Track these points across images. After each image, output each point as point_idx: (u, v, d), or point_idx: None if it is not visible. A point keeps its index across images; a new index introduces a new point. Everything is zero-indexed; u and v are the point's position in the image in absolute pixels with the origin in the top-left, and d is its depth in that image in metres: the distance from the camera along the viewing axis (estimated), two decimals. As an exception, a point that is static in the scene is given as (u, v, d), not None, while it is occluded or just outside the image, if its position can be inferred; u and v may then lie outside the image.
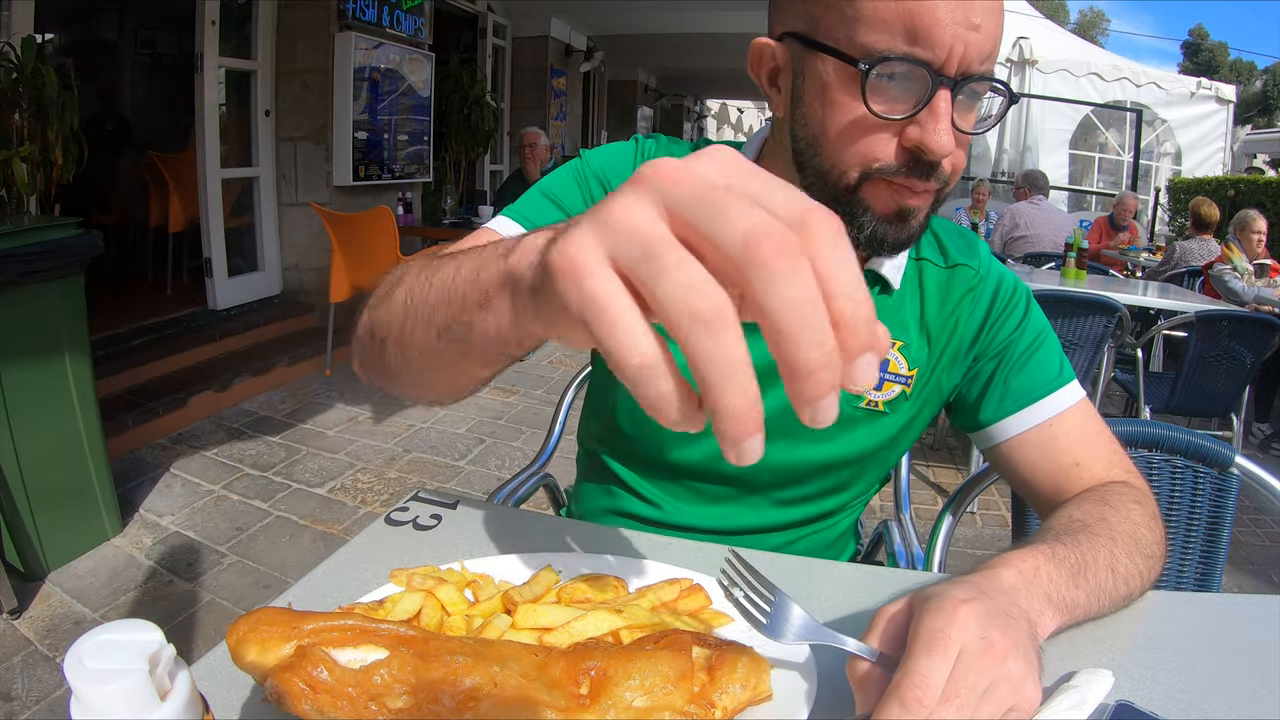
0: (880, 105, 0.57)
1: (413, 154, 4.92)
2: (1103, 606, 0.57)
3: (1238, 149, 13.28)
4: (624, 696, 0.42)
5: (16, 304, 1.86)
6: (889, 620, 0.46)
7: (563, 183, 0.77)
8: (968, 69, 0.56)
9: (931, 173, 0.60)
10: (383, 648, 0.42)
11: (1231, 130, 10.28)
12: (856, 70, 0.57)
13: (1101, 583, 0.56)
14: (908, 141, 0.58)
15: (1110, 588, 0.56)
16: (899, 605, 0.47)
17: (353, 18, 4.19)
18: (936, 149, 0.57)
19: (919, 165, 0.59)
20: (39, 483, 1.97)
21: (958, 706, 0.39)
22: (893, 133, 0.59)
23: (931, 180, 0.60)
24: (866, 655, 0.45)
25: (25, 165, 2.65)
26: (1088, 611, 0.55)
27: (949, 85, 0.56)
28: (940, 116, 0.56)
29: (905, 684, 0.40)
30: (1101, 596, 0.56)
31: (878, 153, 0.59)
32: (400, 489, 2.74)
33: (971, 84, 0.57)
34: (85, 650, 0.31)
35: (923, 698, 0.39)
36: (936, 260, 0.78)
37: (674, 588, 0.55)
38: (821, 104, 0.61)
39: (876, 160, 0.60)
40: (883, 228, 0.62)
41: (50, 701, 1.60)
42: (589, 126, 9.55)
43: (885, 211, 0.62)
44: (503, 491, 1.08)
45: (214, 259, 4.04)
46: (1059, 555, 0.54)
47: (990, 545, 2.56)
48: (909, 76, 0.57)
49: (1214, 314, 2.78)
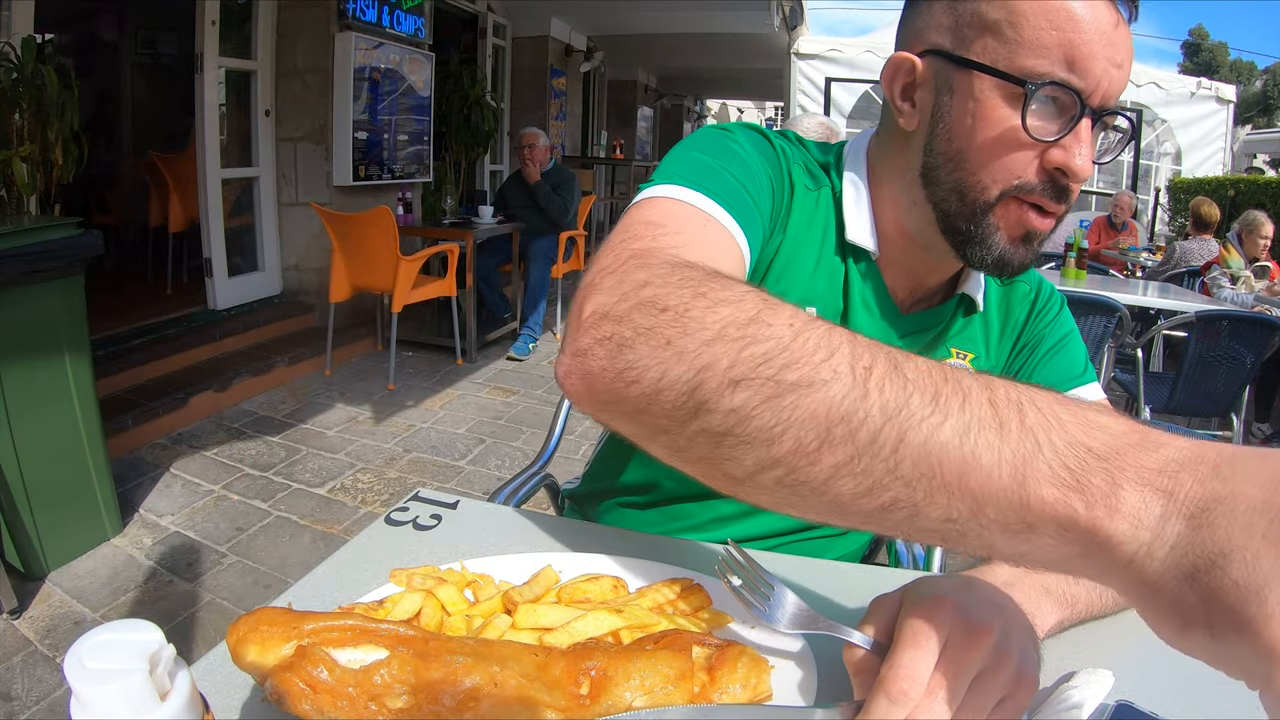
0: (1036, 127, 0.60)
1: (413, 154, 4.92)
2: (1105, 603, 0.57)
3: (1238, 149, 13.27)
4: (624, 696, 0.42)
5: (16, 304, 1.86)
6: (884, 609, 0.46)
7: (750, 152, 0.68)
8: (1107, 102, 0.60)
9: (1065, 196, 0.62)
10: (383, 648, 0.42)
11: (1231, 130, 10.28)
12: (1015, 89, 0.60)
13: None
14: (1049, 163, 0.61)
15: None
16: (893, 596, 0.47)
17: (353, 18, 4.19)
18: (1079, 171, 0.60)
19: (1055, 187, 0.62)
20: (39, 483, 1.97)
21: (944, 698, 0.39)
22: (1035, 153, 0.61)
23: (1063, 204, 0.63)
24: (862, 644, 0.45)
25: (25, 165, 2.65)
26: (1090, 606, 0.55)
27: (1092, 115, 0.60)
28: (1084, 142, 0.60)
29: (890, 677, 0.39)
30: (1105, 592, 0.56)
31: (1021, 171, 0.62)
32: (400, 489, 2.74)
33: (1107, 116, 0.62)
34: (85, 650, 0.31)
35: (908, 690, 0.39)
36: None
37: (674, 588, 0.55)
38: (973, 119, 0.62)
39: (1019, 177, 0.62)
40: (1009, 250, 0.65)
41: (50, 701, 1.60)
42: (589, 126, 9.55)
43: (1014, 234, 0.64)
44: (503, 492, 1.07)
45: (214, 259, 4.04)
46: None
47: (990, 545, 2.55)
48: (1059, 102, 0.60)
49: (1214, 314, 2.78)
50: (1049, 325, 0.79)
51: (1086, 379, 0.78)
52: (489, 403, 3.72)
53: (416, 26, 4.79)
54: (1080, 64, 0.58)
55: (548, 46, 7.29)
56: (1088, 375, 0.78)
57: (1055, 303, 0.81)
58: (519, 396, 3.85)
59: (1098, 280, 3.81)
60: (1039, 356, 0.78)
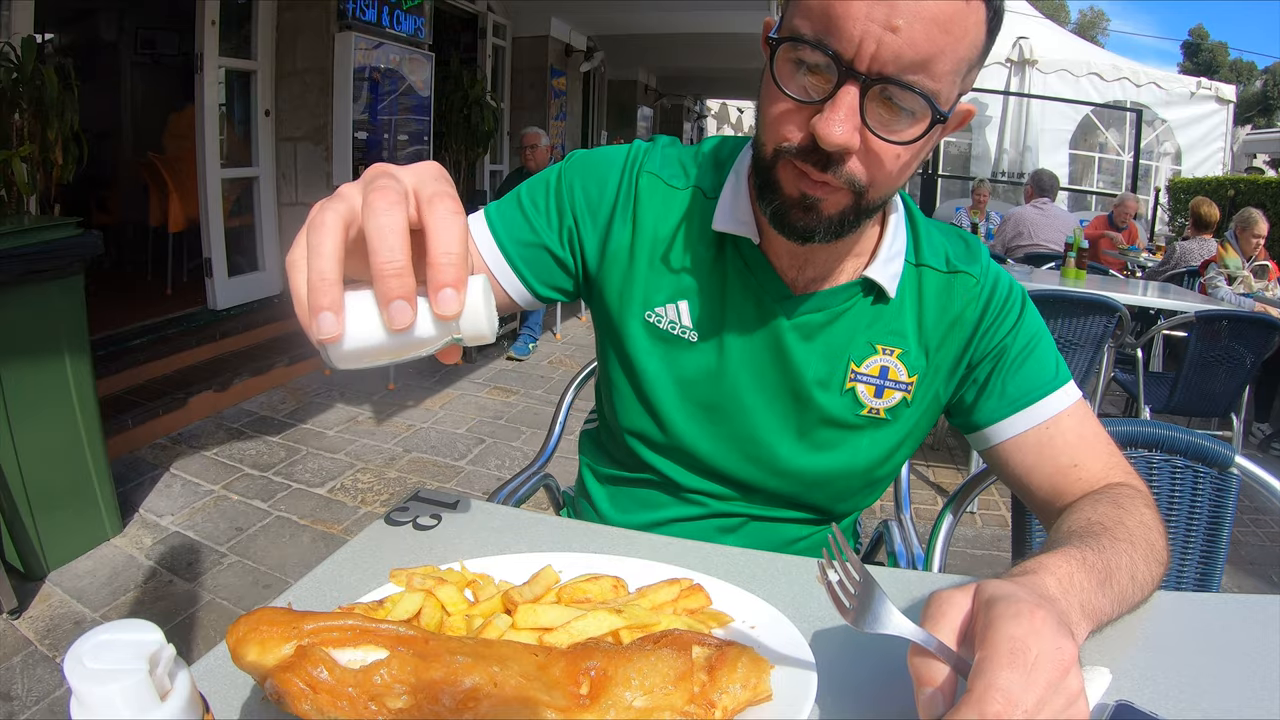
0: (792, 87, 0.60)
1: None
2: (1121, 612, 0.57)
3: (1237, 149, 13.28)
4: (624, 696, 0.42)
5: (16, 304, 1.86)
6: (950, 608, 0.45)
7: (539, 191, 0.80)
8: (882, 69, 0.56)
9: (828, 164, 0.61)
10: (383, 648, 0.42)
11: (1231, 130, 10.29)
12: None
13: (1124, 590, 0.56)
14: (812, 128, 0.59)
15: (1130, 594, 0.57)
16: (961, 595, 0.46)
17: (353, 18, 4.19)
18: (823, 135, 0.58)
19: (816, 151, 0.60)
20: (39, 483, 1.97)
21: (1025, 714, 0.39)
22: (803, 117, 0.61)
23: (829, 173, 0.61)
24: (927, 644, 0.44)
25: (25, 165, 2.65)
26: (1110, 618, 0.55)
27: (858, 81, 0.57)
28: (838, 108, 0.57)
29: (989, 698, 0.39)
30: (1123, 604, 0.56)
31: (788, 133, 0.62)
32: (400, 489, 2.74)
33: (887, 86, 0.57)
34: (85, 650, 0.31)
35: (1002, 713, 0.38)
36: (938, 266, 0.77)
37: (674, 588, 0.55)
38: (762, 86, 0.64)
39: (786, 139, 0.62)
40: (785, 209, 0.65)
41: (50, 701, 1.60)
42: (589, 126, 9.54)
43: (791, 194, 0.64)
44: (503, 491, 1.07)
45: (214, 259, 4.04)
46: (1089, 562, 0.54)
47: (990, 545, 2.56)
48: (823, 67, 0.58)
49: (1214, 314, 2.77)
50: (1013, 332, 0.76)
51: (1059, 382, 0.75)
52: (489, 403, 3.72)
53: (416, 26, 4.79)
54: (835, 24, 0.56)
55: (548, 46, 7.29)
56: (1060, 378, 0.75)
57: (1015, 303, 0.77)
58: (519, 396, 3.85)
59: (1097, 280, 3.81)
60: (1008, 364, 0.75)
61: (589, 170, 0.79)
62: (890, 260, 0.75)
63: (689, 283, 0.77)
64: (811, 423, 0.77)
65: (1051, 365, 0.76)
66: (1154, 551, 0.61)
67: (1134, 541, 0.60)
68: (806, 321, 0.75)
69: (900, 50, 0.55)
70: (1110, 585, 0.54)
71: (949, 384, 0.79)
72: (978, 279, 0.77)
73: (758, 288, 0.75)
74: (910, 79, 0.56)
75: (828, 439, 0.78)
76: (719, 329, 0.76)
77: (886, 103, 0.58)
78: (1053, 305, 2.69)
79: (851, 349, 0.76)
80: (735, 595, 0.56)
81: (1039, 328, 0.78)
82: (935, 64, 0.56)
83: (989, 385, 0.76)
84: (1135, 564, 0.58)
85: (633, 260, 0.78)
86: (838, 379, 0.76)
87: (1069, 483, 0.73)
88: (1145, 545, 0.61)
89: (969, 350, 0.77)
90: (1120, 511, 0.64)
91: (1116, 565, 0.56)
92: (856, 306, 0.76)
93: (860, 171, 0.61)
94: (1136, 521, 0.63)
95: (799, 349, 0.75)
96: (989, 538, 2.61)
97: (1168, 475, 1.02)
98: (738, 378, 0.77)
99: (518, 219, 0.79)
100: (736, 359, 0.77)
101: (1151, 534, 0.63)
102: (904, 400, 0.77)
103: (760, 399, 0.77)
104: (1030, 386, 0.75)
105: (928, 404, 0.79)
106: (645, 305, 0.78)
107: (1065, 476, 0.73)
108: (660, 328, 0.78)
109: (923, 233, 0.78)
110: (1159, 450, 1.02)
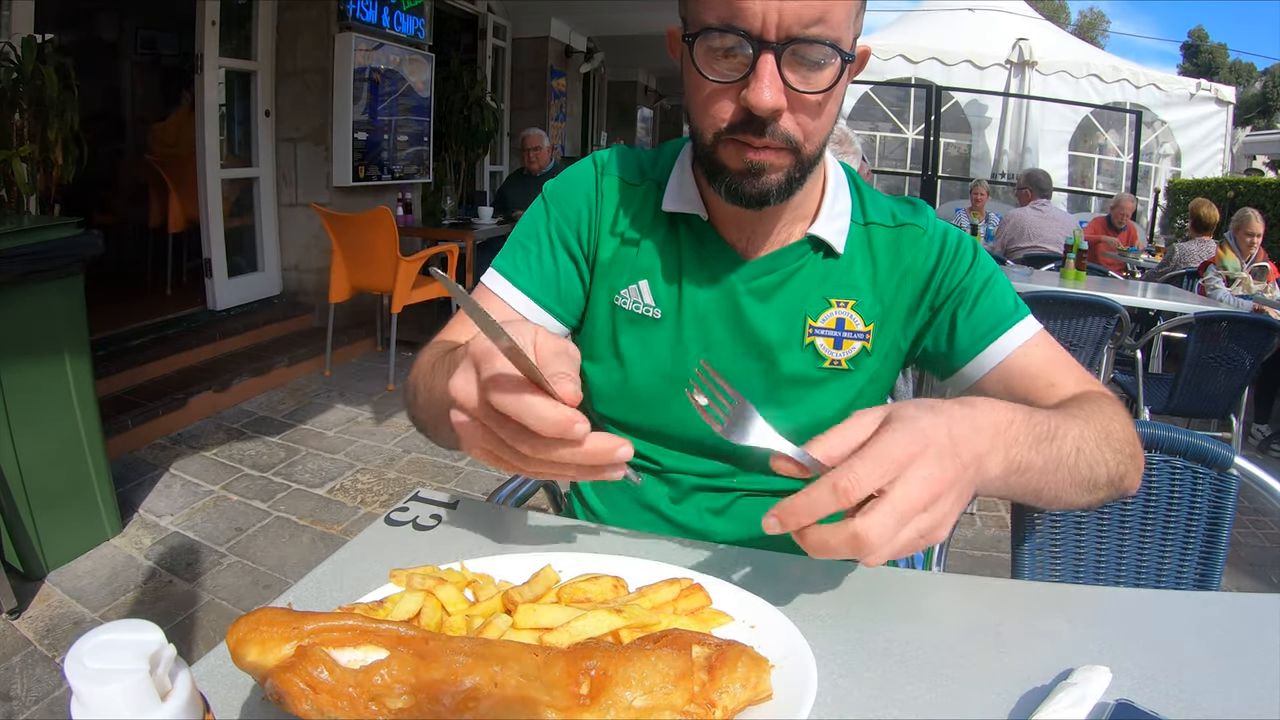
0: (715, 73, 0.66)
1: (412, 155, 4.92)
2: (1060, 480, 0.61)
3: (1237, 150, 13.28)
4: (624, 696, 0.42)
5: (16, 304, 1.86)
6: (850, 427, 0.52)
7: (531, 227, 0.86)
8: (789, 33, 0.62)
9: (764, 129, 0.66)
10: (383, 648, 0.42)
11: (1231, 132, 10.30)
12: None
13: (1063, 455, 0.61)
14: (743, 102, 0.65)
15: (1070, 461, 0.62)
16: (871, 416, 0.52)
17: (353, 18, 4.19)
18: (756, 103, 0.64)
19: (753, 121, 0.66)
20: (39, 483, 1.97)
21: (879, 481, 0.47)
22: (733, 97, 0.67)
23: (768, 136, 0.67)
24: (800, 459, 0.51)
25: (25, 165, 2.65)
26: (1042, 477, 0.60)
27: (773, 49, 0.63)
28: (761, 77, 0.63)
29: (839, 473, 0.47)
30: (1060, 468, 0.61)
31: (723, 116, 0.68)
32: (400, 489, 2.74)
33: (797, 46, 0.63)
34: (85, 650, 0.31)
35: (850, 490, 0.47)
36: (885, 222, 0.83)
37: (674, 588, 0.55)
38: (688, 80, 0.70)
39: (723, 120, 0.68)
40: (737, 181, 0.70)
41: (50, 701, 1.60)
42: (589, 127, 9.55)
43: (738, 168, 0.69)
44: (503, 491, 1.08)
45: (214, 259, 4.04)
46: (1035, 420, 0.60)
47: (990, 546, 2.56)
48: (738, 47, 0.64)
49: (1213, 315, 2.77)
50: (969, 274, 0.81)
51: (1022, 313, 0.80)
52: (489, 403, 3.71)
53: (416, 27, 4.80)
54: (737, 7, 0.62)
55: (547, 47, 7.30)
56: (1021, 310, 0.80)
57: (967, 249, 0.83)
58: (519, 397, 3.84)
59: (1097, 281, 3.81)
60: (971, 301, 0.80)
61: (562, 196, 0.85)
62: (834, 218, 0.81)
63: (647, 262, 0.82)
64: (777, 382, 0.81)
65: (1011, 300, 0.81)
66: (1110, 437, 0.66)
67: (1088, 420, 0.65)
68: (761, 285, 0.80)
69: (799, 12, 0.62)
70: (1048, 445, 0.60)
71: (907, 330, 0.83)
72: (924, 229, 0.82)
73: (711, 259, 0.81)
74: (814, 33, 0.63)
75: (794, 396, 0.82)
76: (679, 302, 0.81)
77: (800, 61, 0.65)
78: (1052, 306, 2.69)
79: (807, 305, 0.80)
80: (735, 595, 0.56)
81: (993, 268, 0.83)
82: (830, 14, 0.63)
83: (957, 326, 0.81)
84: (1084, 438, 0.63)
85: (602, 254, 0.84)
86: (797, 336, 0.80)
87: (1049, 400, 0.76)
88: (1099, 429, 0.66)
89: (926, 295, 0.82)
90: (1083, 402, 0.70)
91: (1064, 433, 0.61)
92: (808, 265, 0.81)
93: (794, 127, 0.67)
94: (1095, 409, 0.68)
95: (756, 311, 0.80)
96: (989, 538, 2.61)
97: (1167, 476, 1.02)
98: (702, 347, 0.81)
99: (527, 264, 0.84)
100: (699, 328, 0.81)
101: (1111, 422, 0.68)
102: (864, 349, 0.81)
103: (726, 365, 0.81)
104: (998, 319, 0.80)
105: (887, 351, 0.83)
106: (612, 291, 0.83)
107: (1045, 396, 0.77)
108: (626, 309, 0.83)
109: (867, 196, 0.84)
110: (1158, 451, 1.02)
